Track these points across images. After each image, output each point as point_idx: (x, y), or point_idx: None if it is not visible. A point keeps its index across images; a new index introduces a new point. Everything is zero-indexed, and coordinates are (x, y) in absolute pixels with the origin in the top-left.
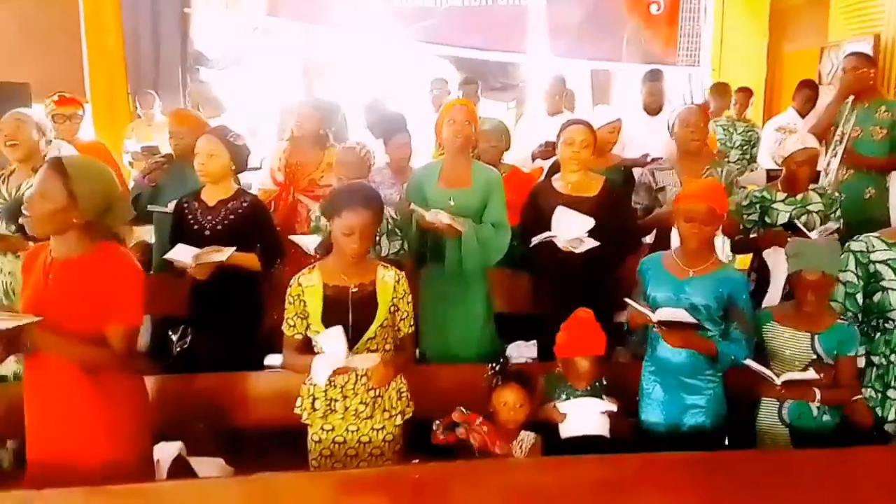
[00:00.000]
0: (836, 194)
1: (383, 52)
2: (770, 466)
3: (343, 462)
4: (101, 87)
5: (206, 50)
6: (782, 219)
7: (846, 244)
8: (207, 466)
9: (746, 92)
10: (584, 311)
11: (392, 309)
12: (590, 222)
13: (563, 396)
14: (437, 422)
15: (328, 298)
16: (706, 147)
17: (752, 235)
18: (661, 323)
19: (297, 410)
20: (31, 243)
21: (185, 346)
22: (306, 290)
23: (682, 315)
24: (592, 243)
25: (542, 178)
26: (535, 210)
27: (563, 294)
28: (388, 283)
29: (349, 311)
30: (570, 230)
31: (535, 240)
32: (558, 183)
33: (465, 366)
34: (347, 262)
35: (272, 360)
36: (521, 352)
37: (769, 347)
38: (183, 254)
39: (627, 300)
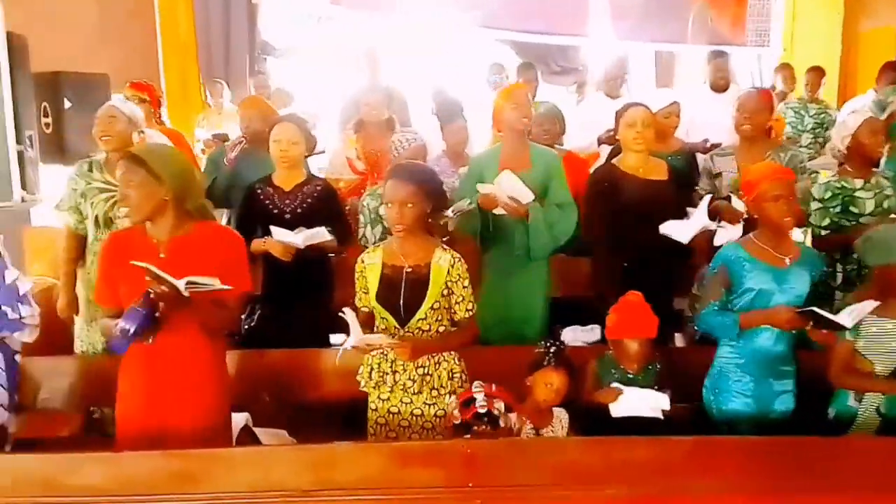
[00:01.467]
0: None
1: (444, 37)
2: (831, 453)
3: (396, 432)
4: (174, 76)
5: (273, 39)
6: (868, 207)
7: None
8: (271, 437)
9: (818, 72)
10: (634, 295)
11: (445, 292)
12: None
13: (616, 378)
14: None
15: (384, 277)
16: (770, 132)
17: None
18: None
19: (358, 377)
20: None
21: (253, 323)
22: (367, 267)
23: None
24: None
25: (603, 161)
26: (606, 193)
27: (632, 278)
28: (443, 265)
29: (401, 291)
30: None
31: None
32: (625, 165)
33: (522, 347)
34: (404, 241)
35: (336, 338)
36: (578, 336)
37: (870, 344)
38: (290, 236)
39: (815, 310)
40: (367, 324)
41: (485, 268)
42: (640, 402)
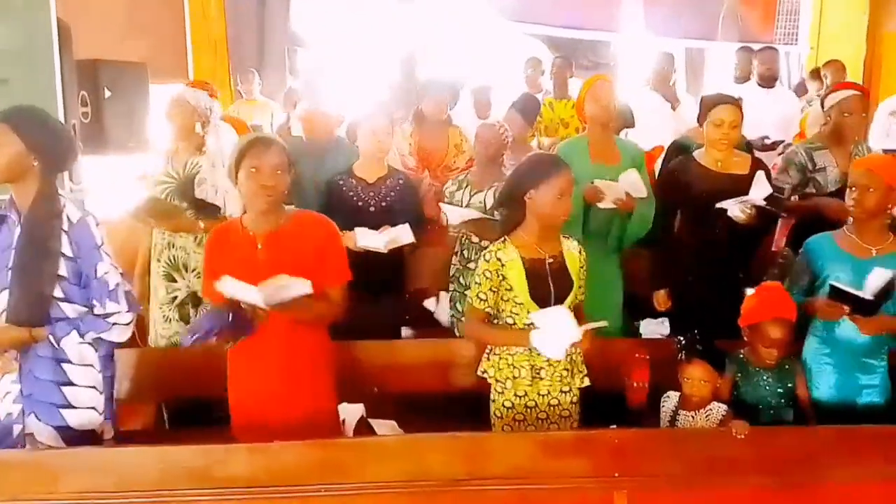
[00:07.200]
0: None
1: (475, 30)
2: None
3: (535, 425)
4: (203, 67)
5: (303, 31)
6: None
7: None
8: (384, 428)
9: (841, 67)
10: (771, 283)
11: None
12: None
13: (749, 376)
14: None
15: (528, 272)
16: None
17: None
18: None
19: (489, 380)
20: (201, 223)
21: None
22: (507, 264)
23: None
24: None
25: (679, 155)
26: (681, 187)
27: (702, 271)
28: (575, 253)
29: (550, 283)
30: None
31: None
32: (704, 160)
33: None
34: (540, 234)
35: (407, 332)
36: (654, 329)
37: None
38: (373, 238)
39: (834, 283)
40: (486, 323)
41: None
42: None
